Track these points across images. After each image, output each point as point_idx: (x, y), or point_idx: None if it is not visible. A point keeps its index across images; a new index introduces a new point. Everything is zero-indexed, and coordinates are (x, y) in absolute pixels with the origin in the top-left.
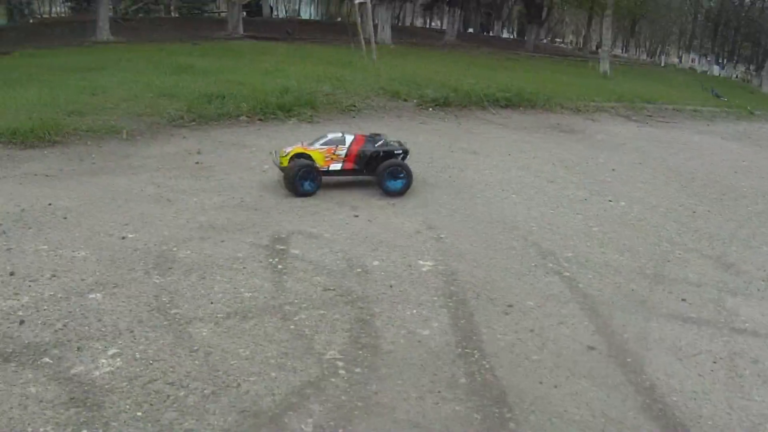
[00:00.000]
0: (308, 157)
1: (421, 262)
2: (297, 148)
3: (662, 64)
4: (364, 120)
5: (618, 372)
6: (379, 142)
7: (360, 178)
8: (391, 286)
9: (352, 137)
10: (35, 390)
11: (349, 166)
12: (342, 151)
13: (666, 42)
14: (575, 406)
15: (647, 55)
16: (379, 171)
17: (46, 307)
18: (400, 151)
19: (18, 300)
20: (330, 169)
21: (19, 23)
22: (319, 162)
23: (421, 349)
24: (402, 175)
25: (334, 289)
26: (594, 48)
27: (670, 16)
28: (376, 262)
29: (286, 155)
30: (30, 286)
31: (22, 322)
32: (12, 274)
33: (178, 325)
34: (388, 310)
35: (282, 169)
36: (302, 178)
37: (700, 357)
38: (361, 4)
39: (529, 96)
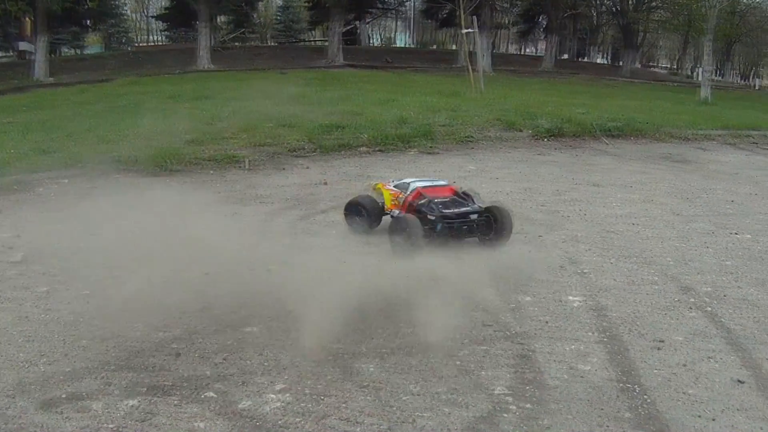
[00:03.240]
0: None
1: (570, 297)
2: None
3: (756, 87)
4: (482, 151)
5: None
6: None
7: None
8: (546, 322)
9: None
10: (203, 425)
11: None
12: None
13: (759, 64)
14: None
15: (740, 78)
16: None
17: (201, 340)
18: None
19: (170, 332)
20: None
21: (117, 51)
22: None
23: (584, 384)
24: None
25: (492, 325)
26: (689, 72)
27: (765, 38)
28: (528, 298)
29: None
30: (180, 318)
31: (178, 355)
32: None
33: (343, 361)
34: (548, 345)
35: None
36: None
37: None
38: (468, 33)
39: (638, 125)
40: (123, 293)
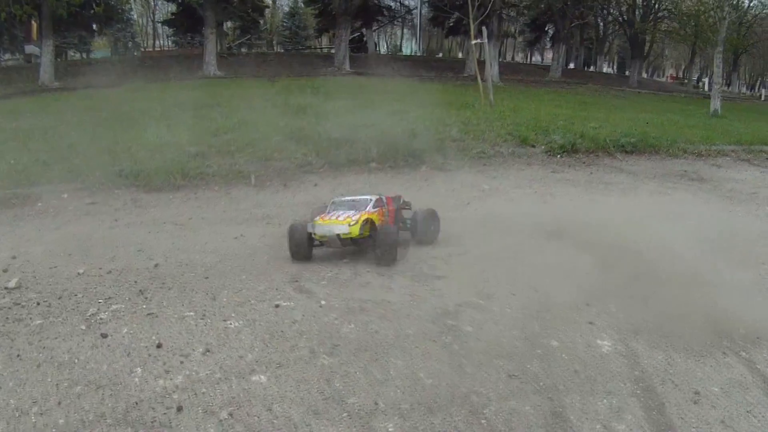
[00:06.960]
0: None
1: (599, 341)
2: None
3: (762, 98)
4: (495, 168)
5: None
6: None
7: None
8: (576, 372)
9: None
10: None
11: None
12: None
13: (765, 74)
14: None
15: (747, 88)
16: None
17: (204, 390)
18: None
19: (171, 380)
20: None
21: (123, 56)
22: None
23: None
24: None
25: (518, 376)
26: (696, 83)
27: None
28: (555, 342)
29: (356, 223)
30: (182, 362)
31: (180, 409)
32: (159, 346)
33: (359, 418)
34: (579, 401)
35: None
36: None
37: None
38: (478, 44)
39: (652, 141)
40: (122, 330)
